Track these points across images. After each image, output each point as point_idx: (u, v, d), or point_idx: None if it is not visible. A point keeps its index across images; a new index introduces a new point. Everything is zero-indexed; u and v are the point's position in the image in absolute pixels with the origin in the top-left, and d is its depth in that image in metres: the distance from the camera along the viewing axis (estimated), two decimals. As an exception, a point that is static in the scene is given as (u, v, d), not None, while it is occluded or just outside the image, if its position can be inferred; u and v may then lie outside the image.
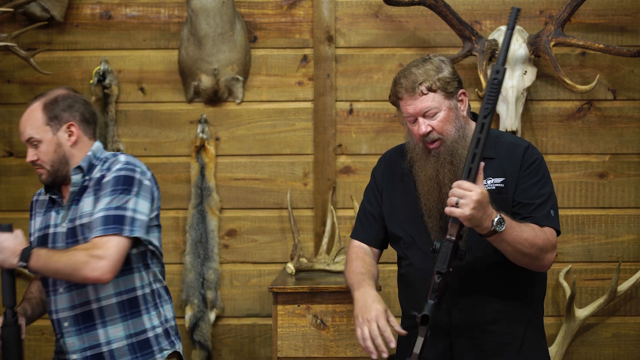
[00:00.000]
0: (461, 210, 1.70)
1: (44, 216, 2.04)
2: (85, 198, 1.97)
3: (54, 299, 1.99)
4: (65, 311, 1.97)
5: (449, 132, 1.89)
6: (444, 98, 1.88)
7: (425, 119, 1.88)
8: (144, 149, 2.95)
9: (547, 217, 1.88)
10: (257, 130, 2.96)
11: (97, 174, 1.99)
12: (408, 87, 1.87)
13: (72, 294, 1.96)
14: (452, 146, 1.89)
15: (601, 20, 2.94)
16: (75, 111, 2.00)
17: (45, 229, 2.02)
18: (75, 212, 1.97)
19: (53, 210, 2.02)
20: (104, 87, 2.91)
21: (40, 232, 2.03)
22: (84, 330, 1.96)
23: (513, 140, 1.99)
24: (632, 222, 2.92)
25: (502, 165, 1.92)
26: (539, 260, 1.85)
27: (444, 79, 1.88)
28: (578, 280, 2.89)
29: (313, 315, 2.36)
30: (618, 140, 2.94)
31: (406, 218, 1.98)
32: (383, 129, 2.95)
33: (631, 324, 2.92)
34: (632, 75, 2.93)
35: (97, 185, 1.97)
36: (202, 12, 2.77)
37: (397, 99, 1.92)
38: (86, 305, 1.96)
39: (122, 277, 1.96)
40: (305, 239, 2.91)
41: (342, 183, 2.93)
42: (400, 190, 2.01)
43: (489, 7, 2.95)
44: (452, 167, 1.88)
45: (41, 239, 2.02)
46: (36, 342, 2.93)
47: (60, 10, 2.90)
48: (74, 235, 1.96)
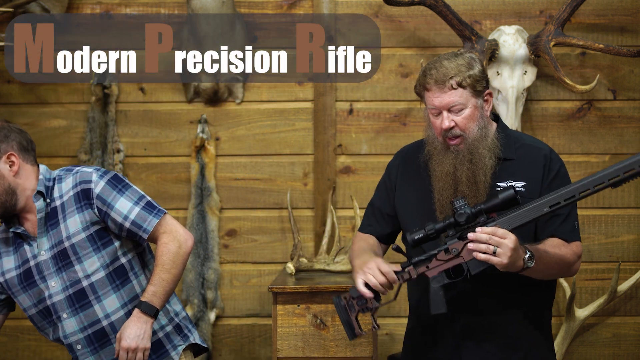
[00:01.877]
0: (499, 259, 1.69)
1: (16, 254, 2.00)
2: (68, 219, 1.97)
3: (61, 326, 1.98)
4: (76, 334, 1.98)
5: (472, 130, 1.86)
6: (471, 95, 1.85)
7: (450, 114, 1.85)
8: (144, 149, 2.95)
9: (573, 231, 1.87)
10: (257, 130, 2.96)
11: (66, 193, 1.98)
12: (439, 79, 1.84)
13: (78, 316, 1.98)
14: (473, 145, 1.86)
15: (601, 20, 2.94)
16: (12, 140, 1.98)
17: (24, 264, 1.99)
18: (58, 235, 1.97)
19: (24, 244, 1.99)
20: (103, 87, 2.91)
21: (19, 270, 1.99)
22: (99, 347, 1.99)
23: (533, 142, 1.96)
24: (632, 222, 2.92)
25: (521, 168, 1.89)
26: (565, 274, 1.89)
27: (474, 76, 1.85)
28: (578, 280, 2.88)
29: (313, 315, 2.36)
30: (618, 140, 2.93)
31: (420, 213, 1.94)
32: (383, 129, 2.95)
33: (631, 324, 2.92)
34: (632, 75, 2.93)
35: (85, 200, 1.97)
36: (202, 11, 2.77)
37: (424, 89, 1.87)
38: (97, 324, 1.98)
39: (124, 288, 1.99)
40: (305, 239, 2.91)
41: (342, 183, 2.93)
42: (415, 184, 1.97)
43: (489, 7, 2.95)
44: (471, 166, 1.85)
45: (25, 275, 1.99)
46: (36, 342, 2.93)
47: (60, 10, 2.90)
48: (65, 258, 1.96)
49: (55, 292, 1.97)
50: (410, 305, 2.05)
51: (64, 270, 1.96)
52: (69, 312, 1.97)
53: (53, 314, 1.99)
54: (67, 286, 1.97)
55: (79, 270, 1.96)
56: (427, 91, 1.88)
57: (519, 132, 2.12)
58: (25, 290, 1.99)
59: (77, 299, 1.97)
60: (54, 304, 1.97)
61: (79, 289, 1.97)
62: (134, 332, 1.89)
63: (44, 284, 1.97)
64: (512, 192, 1.73)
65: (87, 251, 1.97)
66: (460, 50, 1.94)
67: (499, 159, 1.89)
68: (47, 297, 1.98)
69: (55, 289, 1.97)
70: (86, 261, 1.97)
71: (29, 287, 1.99)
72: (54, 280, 1.97)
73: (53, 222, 1.97)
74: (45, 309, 1.99)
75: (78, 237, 1.96)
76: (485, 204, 1.76)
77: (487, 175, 1.86)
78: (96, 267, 1.97)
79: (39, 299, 1.99)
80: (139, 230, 1.98)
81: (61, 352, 2.92)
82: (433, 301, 1.78)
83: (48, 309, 1.99)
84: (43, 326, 2.03)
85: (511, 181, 1.87)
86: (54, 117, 2.97)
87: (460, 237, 1.78)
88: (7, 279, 2.00)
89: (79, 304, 1.97)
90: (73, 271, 1.96)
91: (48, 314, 2.00)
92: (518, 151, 1.92)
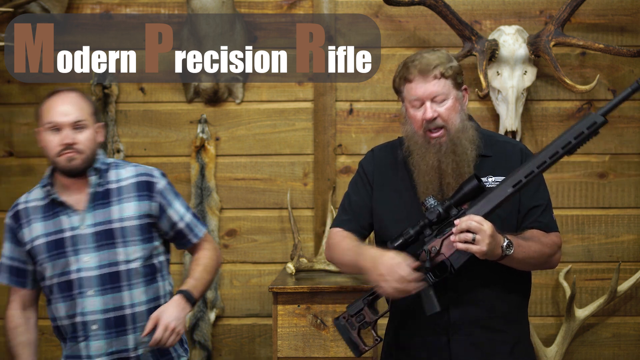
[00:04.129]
0: (479, 247, 1.72)
1: (51, 220, 2.01)
2: (124, 202, 2.02)
3: (81, 302, 1.98)
4: (96, 314, 1.98)
5: (454, 122, 1.87)
6: (452, 87, 1.88)
7: (432, 104, 1.86)
8: (144, 149, 2.95)
9: (552, 222, 1.91)
10: (257, 130, 2.96)
11: (125, 179, 2.04)
12: (422, 68, 1.85)
13: (105, 297, 1.98)
14: (456, 136, 1.87)
15: (601, 20, 2.94)
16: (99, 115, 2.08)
17: (57, 234, 1.99)
18: (106, 215, 2.00)
19: (62, 214, 2.01)
20: (103, 87, 2.91)
21: (49, 237, 2.00)
22: (115, 334, 1.99)
23: (506, 139, 2.03)
24: (632, 222, 2.92)
25: (500, 163, 1.92)
26: (546, 265, 1.91)
27: (455, 67, 1.88)
28: (578, 280, 2.89)
29: (313, 315, 2.36)
30: (618, 140, 2.93)
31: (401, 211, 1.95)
32: (383, 129, 2.95)
33: (631, 324, 2.92)
34: (632, 75, 2.93)
35: (146, 191, 2.04)
36: (202, 11, 2.77)
37: (406, 81, 1.88)
38: (120, 310, 1.99)
39: (151, 286, 2.03)
40: (305, 239, 2.91)
41: (342, 183, 2.93)
42: (393, 183, 1.98)
43: (489, 7, 2.95)
44: (456, 157, 1.87)
45: (55, 244, 1.99)
46: (36, 342, 2.93)
47: (60, 10, 2.90)
48: (110, 237, 1.99)
49: (86, 268, 1.98)
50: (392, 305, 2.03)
51: (105, 249, 1.98)
52: (96, 291, 1.98)
53: (75, 288, 1.98)
54: (102, 265, 1.98)
55: (121, 253, 1.99)
56: (410, 82, 1.88)
57: (490, 130, 2.15)
58: (51, 259, 1.99)
59: (110, 280, 1.98)
60: (81, 279, 1.98)
61: (114, 271, 1.99)
62: (175, 314, 1.95)
63: (75, 257, 1.98)
64: (475, 181, 1.76)
65: (134, 238, 2.01)
66: (436, 48, 1.97)
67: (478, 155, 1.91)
68: (75, 270, 1.98)
69: (87, 264, 1.98)
70: (130, 247, 2.00)
71: (57, 257, 1.99)
72: (88, 255, 1.98)
73: (104, 202, 2.00)
74: (67, 282, 1.99)
75: (130, 222, 2.00)
76: (452, 198, 1.79)
77: (470, 167, 1.89)
78: (136, 257, 2.01)
79: (62, 271, 1.99)
80: (190, 233, 2.10)
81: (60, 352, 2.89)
82: (426, 302, 1.79)
83: (70, 283, 1.98)
84: (55, 300, 2.01)
85: (491, 176, 1.90)
86: (54, 117, 2.97)
87: (437, 235, 1.80)
88: (34, 246, 2.01)
89: (110, 285, 1.98)
90: (114, 252, 1.99)
91: (68, 288, 1.99)
92: (494, 148, 1.95)
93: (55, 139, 1.97)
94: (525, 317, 2.00)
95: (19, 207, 2.06)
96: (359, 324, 1.86)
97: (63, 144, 1.96)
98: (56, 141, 1.96)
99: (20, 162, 2.94)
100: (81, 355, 1.99)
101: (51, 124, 1.97)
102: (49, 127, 1.97)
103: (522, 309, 1.99)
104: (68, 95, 2.00)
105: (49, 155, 1.99)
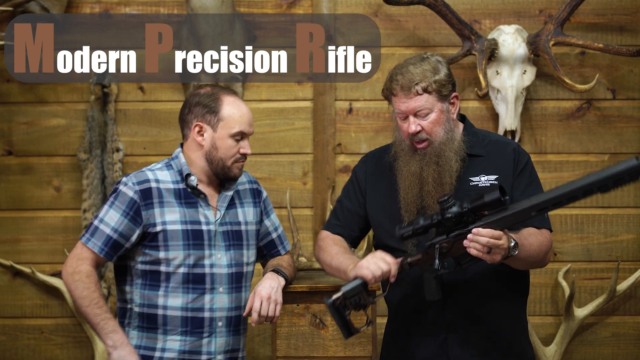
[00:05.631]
0: (492, 257, 1.74)
1: (190, 209, 2.01)
2: (245, 207, 2.11)
3: (211, 297, 2.01)
4: (224, 311, 2.03)
5: (438, 134, 1.91)
6: (437, 100, 1.90)
7: (416, 119, 1.90)
8: (144, 148, 2.95)
9: (544, 220, 1.93)
10: (257, 130, 2.94)
11: (241, 184, 2.12)
12: (404, 85, 1.89)
13: (232, 295, 2.05)
14: (440, 148, 1.92)
15: (600, 20, 2.94)
16: None
17: (194, 224, 2.01)
18: (234, 216, 2.07)
19: (199, 206, 2.03)
20: (103, 86, 2.91)
21: (187, 226, 2.00)
22: (233, 332, 2.06)
23: (500, 138, 2.05)
24: (631, 222, 2.92)
25: (492, 162, 1.95)
26: (540, 263, 1.93)
27: (440, 81, 1.90)
28: (577, 280, 2.89)
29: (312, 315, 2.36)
30: (617, 140, 2.94)
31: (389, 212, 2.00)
32: (382, 128, 2.95)
33: (630, 324, 2.92)
34: (632, 75, 2.93)
35: (257, 198, 2.15)
36: (202, 11, 2.77)
37: (391, 94, 1.94)
38: (238, 310, 2.07)
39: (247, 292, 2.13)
40: (304, 238, 2.92)
41: (341, 182, 2.93)
42: (383, 187, 2.03)
43: (489, 7, 2.96)
44: (438, 168, 1.91)
45: (194, 234, 2.00)
46: (35, 341, 2.93)
47: (59, 9, 2.90)
48: (238, 239, 2.07)
49: (219, 265, 2.02)
50: (391, 307, 2.06)
51: (232, 249, 2.05)
52: (226, 288, 2.03)
53: (208, 283, 2.01)
54: (232, 264, 2.05)
55: (245, 255, 2.09)
56: (394, 96, 1.93)
57: (485, 130, 2.17)
58: (188, 248, 1.99)
59: (236, 279, 2.05)
60: (214, 275, 2.01)
61: (240, 271, 2.07)
62: (269, 284, 2.01)
63: (210, 251, 2.01)
64: (497, 194, 1.73)
65: (253, 242, 2.12)
66: (427, 54, 1.97)
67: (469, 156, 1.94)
68: (209, 265, 2.01)
69: (220, 261, 2.03)
70: (251, 250, 2.11)
71: (195, 247, 2.00)
72: (220, 253, 2.03)
73: (232, 204, 2.08)
74: (200, 274, 2.00)
75: (252, 226, 2.12)
76: (471, 203, 1.78)
77: (452, 177, 1.92)
78: (253, 260, 2.13)
79: (195, 262, 2.00)
80: (280, 245, 2.21)
81: (60, 351, 2.93)
82: (427, 288, 1.82)
83: (203, 276, 2.00)
84: (172, 289, 1.99)
85: (484, 175, 1.92)
86: (54, 116, 2.96)
87: (448, 234, 1.81)
88: (167, 230, 1.99)
89: (236, 284, 2.05)
90: (240, 254, 2.07)
91: (201, 281, 2.00)
92: (487, 147, 1.98)
93: (236, 146, 2.03)
94: (523, 316, 2.02)
95: (151, 185, 2.01)
96: (353, 306, 1.86)
97: (242, 153, 2.04)
98: (236, 149, 2.03)
99: (20, 161, 2.94)
100: (201, 350, 2.01)
101: (240, 133, 2.04)
102: (235, 134, 2.03)
103: (520, 307, 2.01)
104: (242, 101, 2.09)
105: (221, 158, 2.02)
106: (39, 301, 2.90)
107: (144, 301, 2.00)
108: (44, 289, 2.89)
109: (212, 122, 2.02)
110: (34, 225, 2.92)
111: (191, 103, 2.06)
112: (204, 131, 2.02)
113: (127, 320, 2.04)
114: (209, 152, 2.02)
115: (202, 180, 2.05)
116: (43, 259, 2.90)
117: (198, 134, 2.03)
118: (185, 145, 2.08)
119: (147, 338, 2.00)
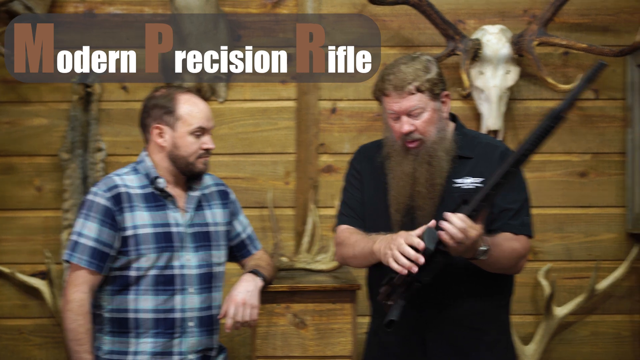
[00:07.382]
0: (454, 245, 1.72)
1: (159, 212, 2.03)
2: (214, 208, 2.13)
3: (182, 299, 2.02)
4: (194, 312, 2.04)
5: (431, 134, 1.90)
6: (429, 99, 1.89)
7: (409, 118, 1.89)
8: (126, 148, 2.96)
9: (523, 225, 1.91)
10: (240, 129, 2.97)
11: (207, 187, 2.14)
12: (397, 85, 1.87)
13: (202, 296, 2.06)
14: (432, 147, 1.90)
15: (584, 20, 2.95)
16: None
17: (164, 227, 2.02)
18: (202, 218, 2.09)
19: (167, 209, 2.05)
20: (86, 86, 2.91)
21: (157, 229, 2.02)
22: (207, 332, 2.08)
23: (490, 141, 2.03)
24: (611, 221, 2.93)
25: (479, 165, 1.94)
26: (512, 269, 1.92)
27: (432, 79, 1.89)
28: (557, 279, 2.90)
29: (293, 315, 2.37)
30: (599, 140, 2.95)
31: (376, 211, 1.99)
32: (366, 128, 2.95)
33: (609, 322, 2.94)
34: (615, 75, 2.93)
35: (225, 199, 2.18)
36: (186, 11, 2.76)
37: (383, 95, 1.91)
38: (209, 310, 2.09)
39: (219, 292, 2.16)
40: (286, 237, 2.92)
41: (324, 182, 2.94)
42: (374, 184, 2.01)
43: (473, 7, 2.95)
44: (430, 168, 1.90)
45: (165, 236, 2.02)
46: (14, 342, 2.92)
47: (43, 8, 2.89)
48: (206, 240, 2.09)
49: (189, 266, 2.04)
50: (374, 306, 2.07)
51: (202, 249, 2.07)
52: (196, 289, 2.05)
53: (178, 284, 2.03)
54: (201, 265, 2.07)
55: (215, 256, 2.11)
56: (386, 96, 1.91)
57: (475, 131, 2.16)
58: (158, 251, 2.01)
59: (206, 280, 2.07)
60: (184, 276, 2.03)
61: (209, 272, 2.09)
62: (243, 287, 2.04)
63: (180, 253, 2.03)
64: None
65: (222, 243, 2.14)
66: (417, 53, 1.96)
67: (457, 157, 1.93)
68: (179, 267, 2.03)
69: (190, 262, 2.05)
70: (221, 251, 2.14)
71: (164, 250, 2.01)
72: (189, 254, 2.05)
73: (200, 205, 2.11)
74: (170, 276, 2.02)
75: (221, 227, 2.14)
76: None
77: (443, 177, 1.91)
78: (223, 260, 2.15)
79: (165, 264, 2.02)
80: (250, 244, 2.24)
81: (39, 352, 2.93)
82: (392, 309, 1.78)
83: (173, 277, 2.02)
84: (143, 292, 2.00)
85: (470, 177, 1.92)
86: (36, 115, 2.95)
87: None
88: (138, 234, 2.00)
89: (205, 285, 2.07)
90: (210, 254, 2.09)
91: (171, 282, 2.02)
92: (476, 149, 1.96)
93: (198, 142, 2.03)
94: (506, 316, 2.02)
95: (120, 190, 2.03)
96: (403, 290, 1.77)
97: (205, 148, 2.05)
98: (198, 145, 2.03)
99: (1, 160, 2.93)
100: (173, 351, 2.02)
101: (199, 129, 2.03)
102: (194, 130, 2.02)
103: (503, 308, 2.01)
104: (199, 97, 2.09)
105: (183, 156, 2.03)
106: (17, 301, 2.89)
107: (114, 306, 2.02)
108: (24, 289, 2.88)
109: (170, 122, 2.03)
110: (15, 225, 2.91)
111: (148, 106, 2.07)
112: (164, 132, 2.04)
113: (99, 326, 2.05)
114: (171, 152, 2.03)
115: (169, 181, 2.07)
116: (23, 259, 2.90)
117: (158, 135, 2.04)
118: (148, 148, 2.09)
119: (119, 343, 2.02)
